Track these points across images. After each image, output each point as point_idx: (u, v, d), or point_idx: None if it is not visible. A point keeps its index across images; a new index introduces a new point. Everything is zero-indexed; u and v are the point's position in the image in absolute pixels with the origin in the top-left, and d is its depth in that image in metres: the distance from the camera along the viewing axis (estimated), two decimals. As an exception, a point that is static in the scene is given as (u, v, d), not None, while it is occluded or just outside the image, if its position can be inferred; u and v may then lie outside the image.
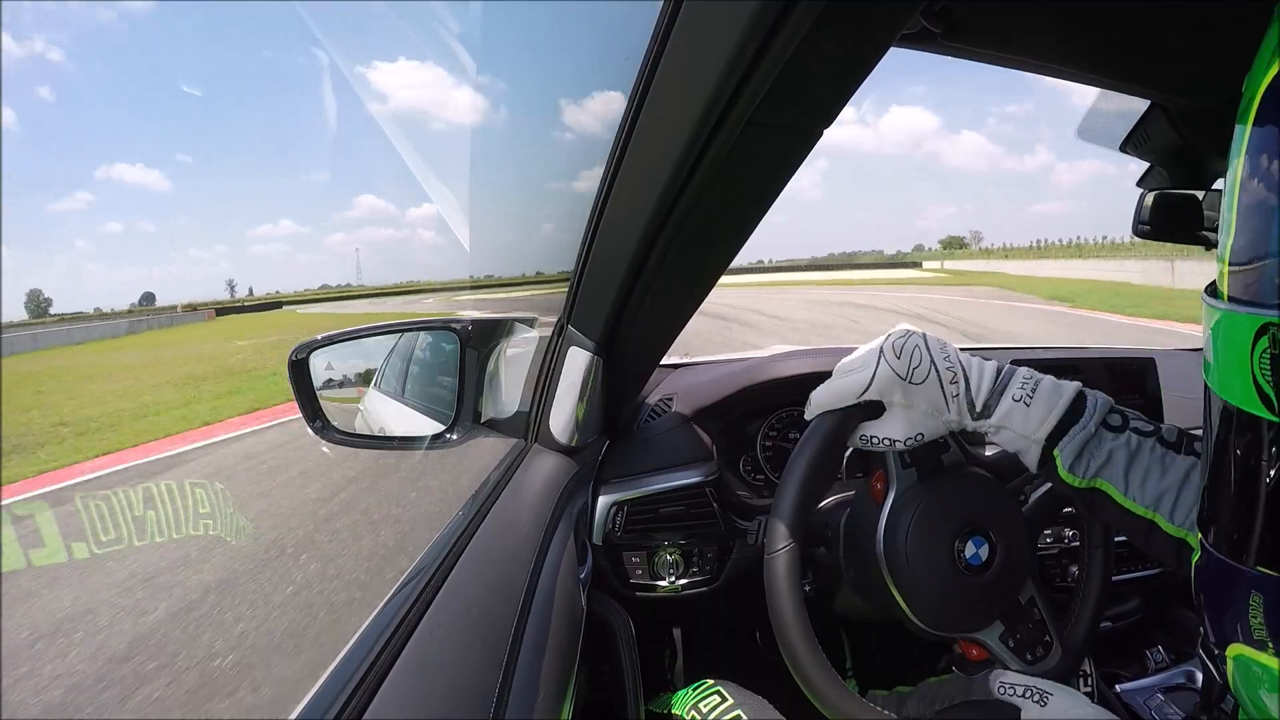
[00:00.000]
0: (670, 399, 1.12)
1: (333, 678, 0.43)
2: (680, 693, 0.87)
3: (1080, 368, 1.29)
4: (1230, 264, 0.37)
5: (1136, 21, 0.61)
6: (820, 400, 0.68)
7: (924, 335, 0.67)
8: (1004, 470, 0.76)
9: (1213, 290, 0.39)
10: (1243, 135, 0.36)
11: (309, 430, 0.82)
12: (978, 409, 0.64)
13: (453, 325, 0.90)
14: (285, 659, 2.08)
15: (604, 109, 0.64)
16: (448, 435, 0.87)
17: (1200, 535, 0.42)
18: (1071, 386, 0.62)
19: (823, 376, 0.69)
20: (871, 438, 0.67)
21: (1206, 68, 0.70)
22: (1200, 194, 1.02)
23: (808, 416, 0.70)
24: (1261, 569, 0.37)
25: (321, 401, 0.83)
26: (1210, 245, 1.03)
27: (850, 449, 0.77)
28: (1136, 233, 1.05)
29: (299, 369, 0.80)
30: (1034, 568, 0.75)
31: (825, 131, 0.56)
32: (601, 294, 0.77)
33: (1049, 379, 0.63)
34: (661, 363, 1.08)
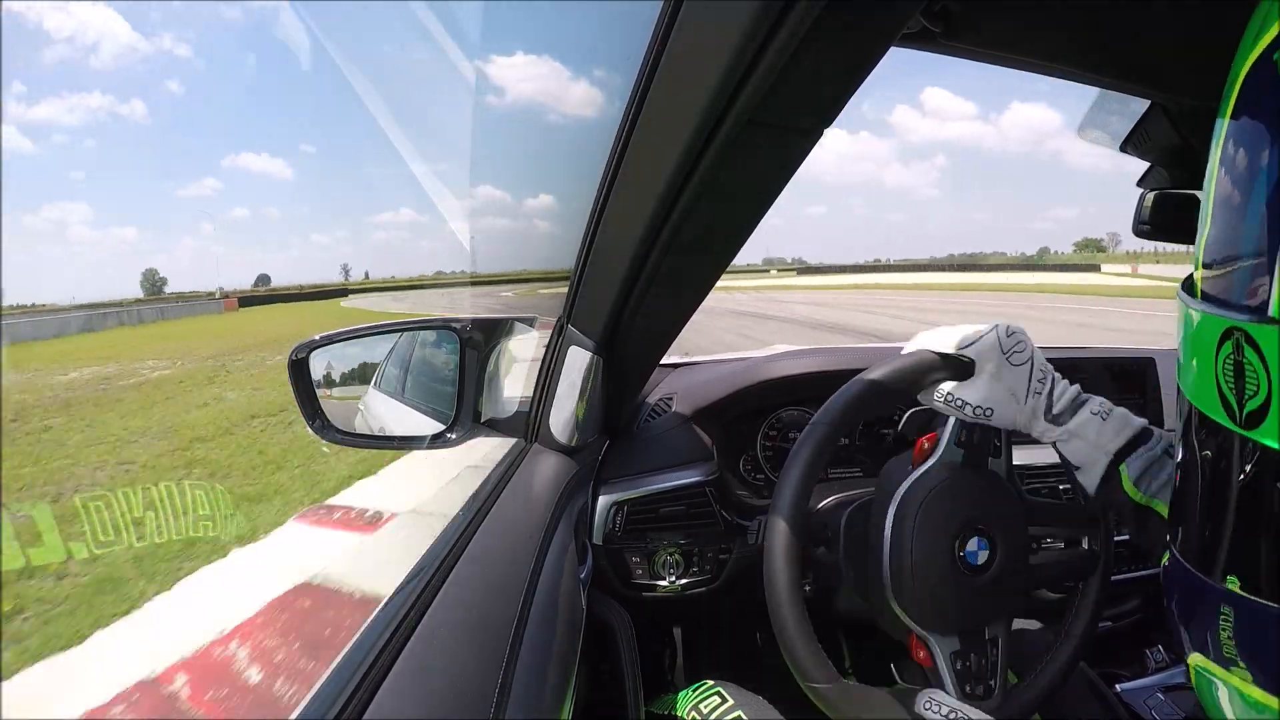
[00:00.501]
0: (670, 399, 1.12)
1: (333, 678, 0.43)
2: (681, 693, 0.87)
3: (1081, 367, 1.29)
4: (1204, 260, 0.36)
5: (1136, 21, 0.61)
6: (925, 340, 0.71)
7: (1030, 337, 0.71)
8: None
9: (1189, 286, 0.38)
10: (1220, 128, 0.35)
11: (309, 429, 0.82)
12: (1053, 412, 0.68)
13: (453, 325, 0.90)
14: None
15: (604, 108, 0.64)
16: (448, 435, 0.87)
17: (1169, 539, 0.42)
18: (1141, 420, 0.66)
19: (822, 376, 0.69)
20: (949, 395, 0.69)
21: (1207, 67, 0.70)
22: (1200, 194, 1.02)
23: (908, 349, 0.71)
24: (1231, 583, 0.36)
25: (321, 401, 0.83)
26: None
27: (909, 413, 0.79)
28: (1136, 232, 1.05)
29: (299, 368, 0.80)
30: (1024, 602, 0.74)
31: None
32: (601, 293, 0.77)
33: (1122, 409, 0.67)
34: (661, 362, 1.08)
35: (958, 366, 0.69)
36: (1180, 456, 0.40)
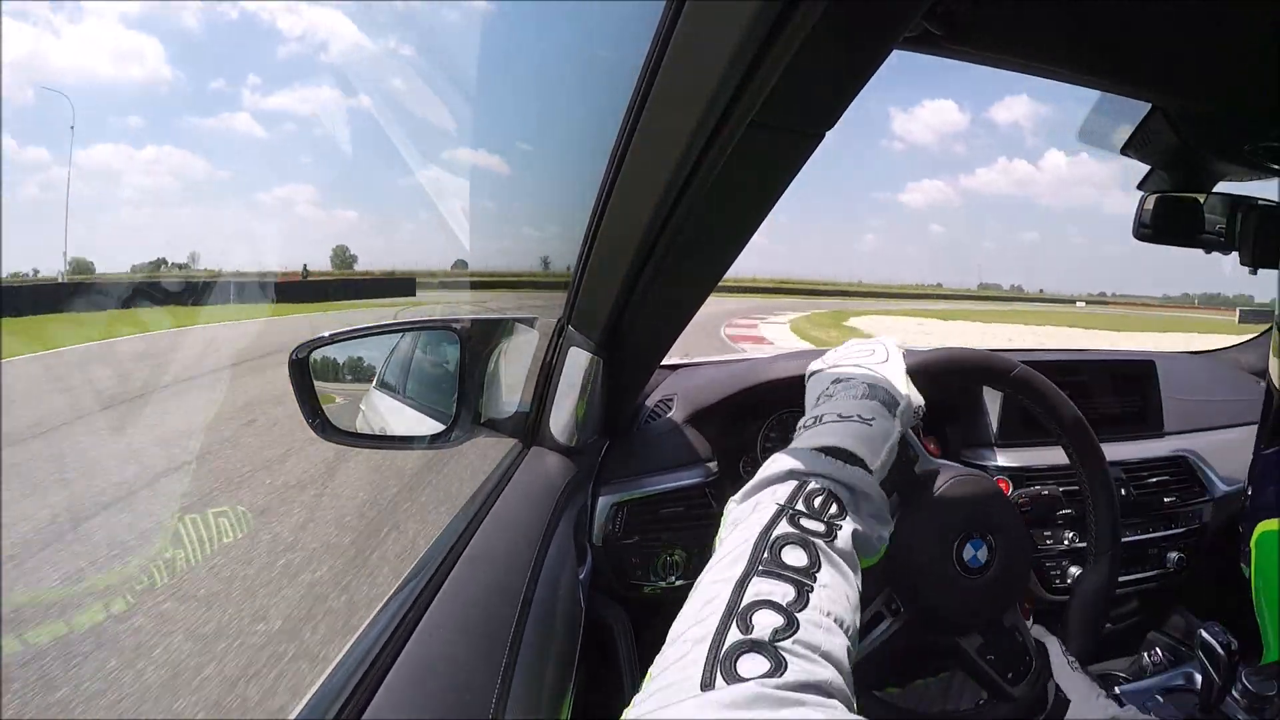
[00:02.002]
0: (670, 400, 1.12)
1: (332, 678, 0.43)
2: None
3: (1081, 370, 1.29)
4: None
5: (1138, 25, 0.61)
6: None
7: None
8: None
9: None
10: None
11: (309, 429, 0.82)
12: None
13: (453, 325, 0.90)
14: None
15: (605, 108, 0.64)
16: (448, 435, 0.87)
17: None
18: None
19: None
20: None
21: (1207, 71, 0.71)
22: (1201, 197, 1.02)
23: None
24: None
25: (322, 400, 0.83)
26: (1210, 248, 1.03)
27: None
28: (1137, 235, 1.06)
29: (300, 368, 0.80)
30: (1024, 596, 0.75)
31: (830, 135, 0.57)
32: (602, 294, 0.77)
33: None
34: (662, 363, 1.08)
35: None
36: None
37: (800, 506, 0.48)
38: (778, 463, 0.52)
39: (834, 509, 0.48)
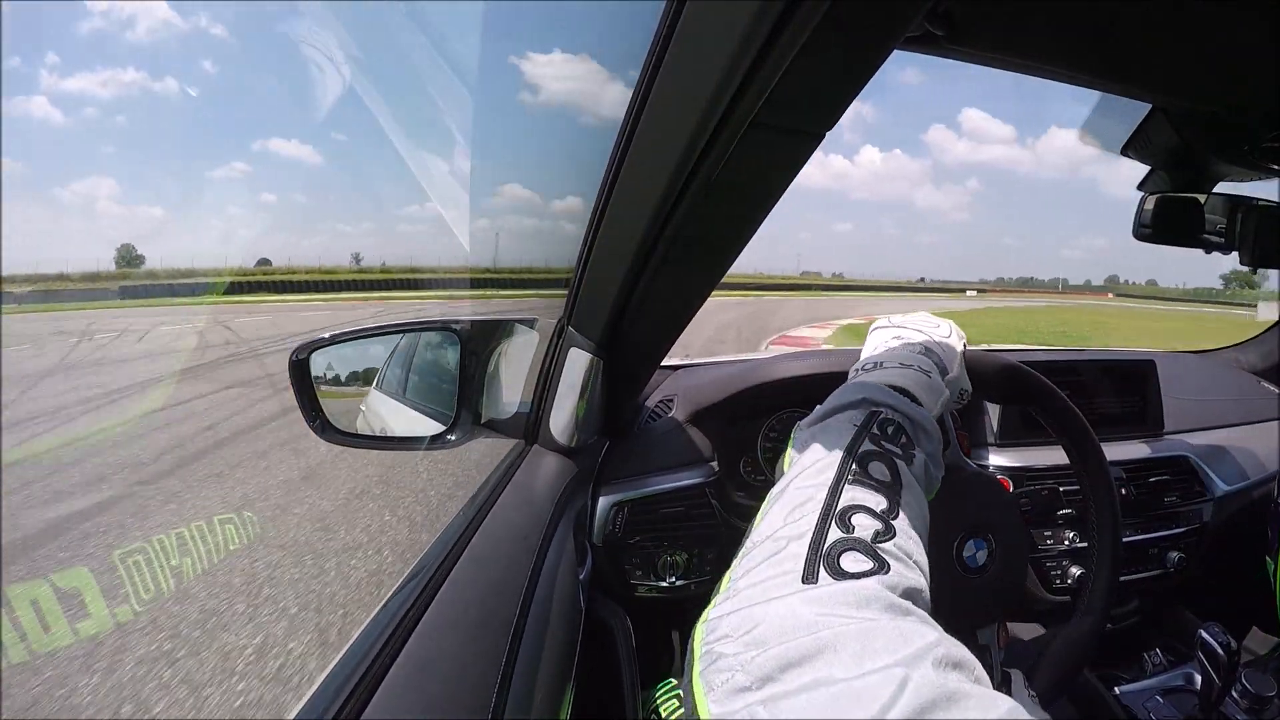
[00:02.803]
0: (671, 400, 1.12)
1: (332, 677, 0.43)
2: (652, 689, 0.86)
3: (1080, 370, 1.29)
4: None
5: (1138, 25, 0.61)
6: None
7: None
8: None
9: None
10: None
11: (309, 430, 0.82)
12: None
13: (453, 326, 0.90)
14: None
15: (606, 109, 0.64)
16: (448, 436, 0.87)
17: None
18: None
19: (823, 377, 0.69)
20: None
21: (1208, 71, 0.71)
22: (1202, 197, 1.02)
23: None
24: None
25: (322, 401, 0.83)
26: (1210, 249, 1.03)
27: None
28: (1137, 235, 1.06)
29: (300, 369, 0.80)
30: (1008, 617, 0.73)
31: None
32: (602, 295, 0.77)
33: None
34: (662, 364, 1.08)
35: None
36: None
37: (876, 430, 0.49)
38: (849, 391, 0.54)
39: (905, 439, 0.50)
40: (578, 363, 0.86)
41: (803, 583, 0.35)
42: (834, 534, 0.38)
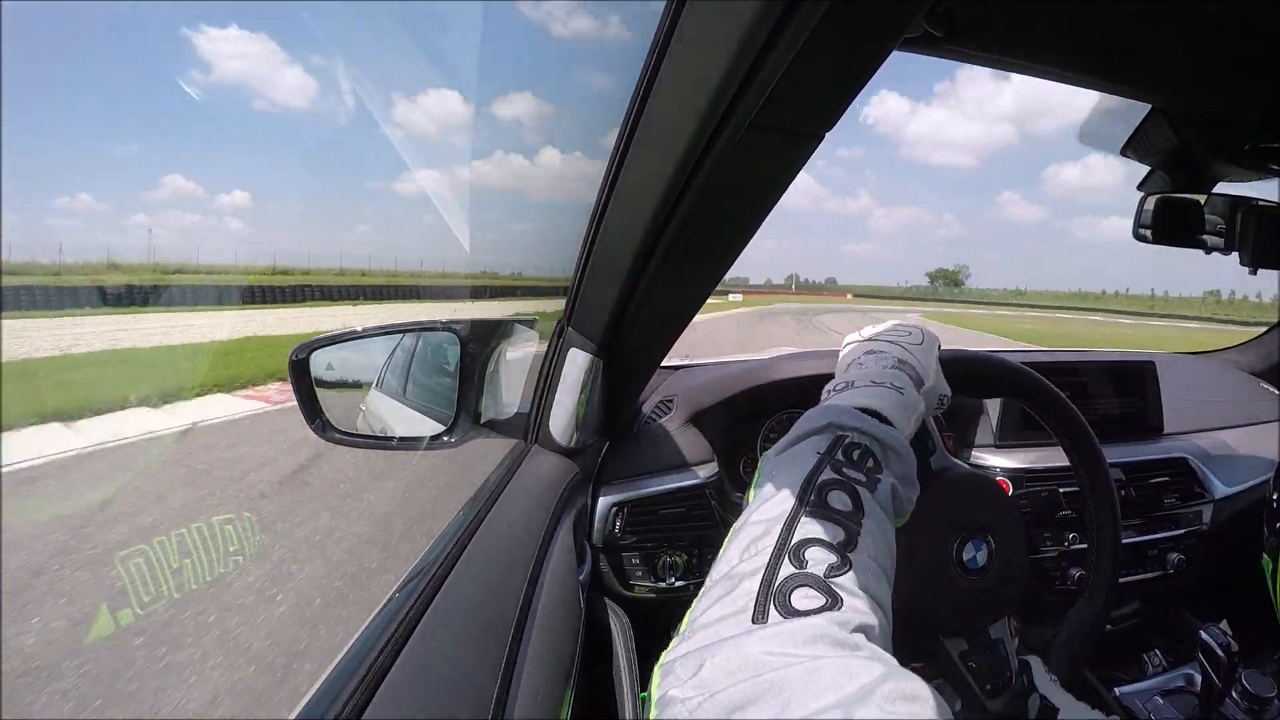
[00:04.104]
0: (671, 400, 1.12)
1: (332, 678, 0.43)
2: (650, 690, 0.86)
3: (1080, 371, 1.29)
4: None
5: (1138, 25, 0.61)
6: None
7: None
8: None
9: None
10: None
11: (309, 430, 0.82)
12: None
13: (453, 326, 0.90)
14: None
15: (606, 110, 0.64)
16: (447, 436, 0.87)
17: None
18: None
19: (823, 379, 0.69)
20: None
21: (1207, 72, 0.71)
22: (1201, 198, 1.02)
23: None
24: None
25: (321, 401, 0.83)
26: (1210, 249, 1.03)
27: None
28: (1137, 236, 1.06)
29: (299, 368, 0.80)
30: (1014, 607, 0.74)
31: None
32: (602, 296, 0.77)
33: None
34: (662, 364, 1.08)
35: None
36: None
37: (840, 457, 0.48)
38: (815, 417, 0.53)
39: (871, 463, 0.48)
40: (578, 363, 0.86)
41: (753, 622, 0.35)
42: (786, 569, 0.38)
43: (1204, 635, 0.84)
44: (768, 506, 0.44)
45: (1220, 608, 1.31)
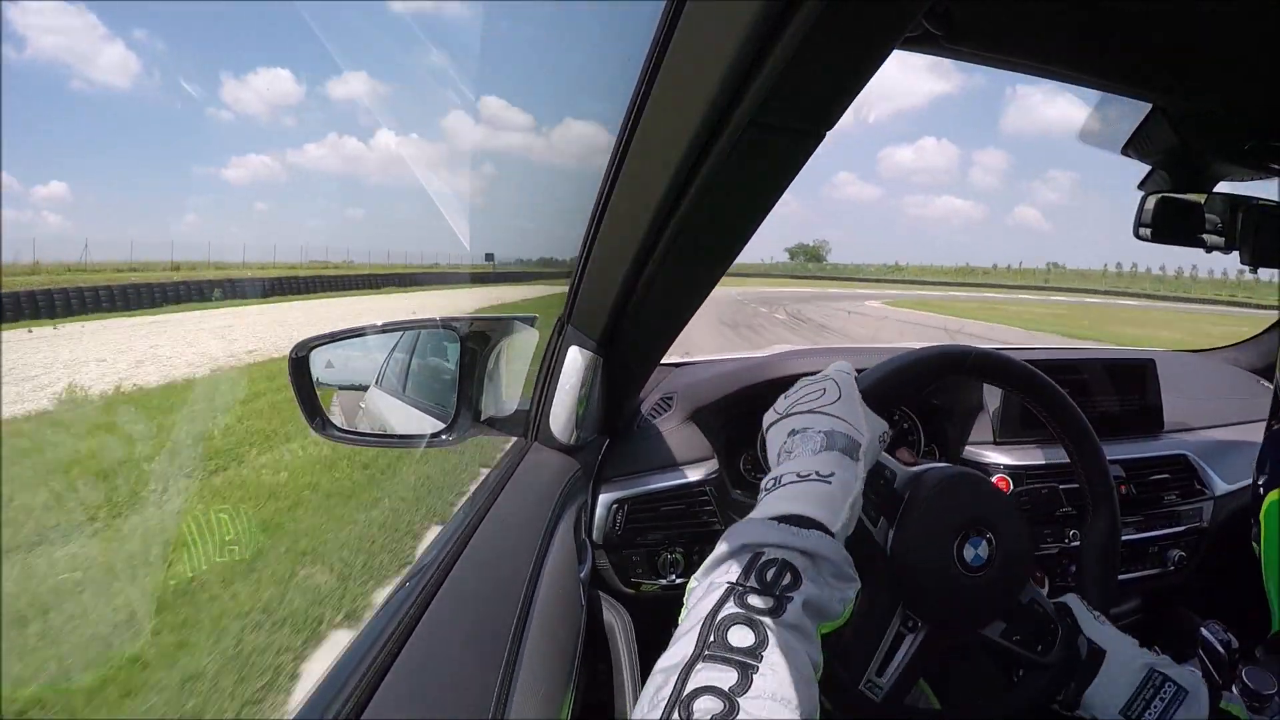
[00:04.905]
0: (671, 398, 1.12)
1: (332, 676, 0.44)
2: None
3: (1080, 369, 1.29)
4: None
5: (1138, 25, 0.61)
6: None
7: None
8: None
9: None
10: None
11: (309, 428, 0.82)
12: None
13: (453, 324, 0.90)
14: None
15: (606, 109, 0.64)
16: (447, 434, 0.87)
17: None
18: None
19: None
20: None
21: (1207, 70, 0.71)
22: (1201, 197, 1.02)
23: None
24: None
25: (321, 400, 0.83)
26: (1210, 248, 1.03)
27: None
28: (1137, 235, 1.05)
29: (299, 366, 0.81)
30: (1033, 569, 0.76)
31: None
32: (602, 293, 0.77)
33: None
34: (662, 362, 1.08)
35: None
36: None
37: (752, 582, 0.47)
38: (733, 536, 0.52)
39: (788, 579, 0.48)
40: (578, 360, 0.86)
41: None
42: None
43: (1204, 632, 0.84)
44: (672, 652, 0.45)
45: (1220, 604, 1.31)
